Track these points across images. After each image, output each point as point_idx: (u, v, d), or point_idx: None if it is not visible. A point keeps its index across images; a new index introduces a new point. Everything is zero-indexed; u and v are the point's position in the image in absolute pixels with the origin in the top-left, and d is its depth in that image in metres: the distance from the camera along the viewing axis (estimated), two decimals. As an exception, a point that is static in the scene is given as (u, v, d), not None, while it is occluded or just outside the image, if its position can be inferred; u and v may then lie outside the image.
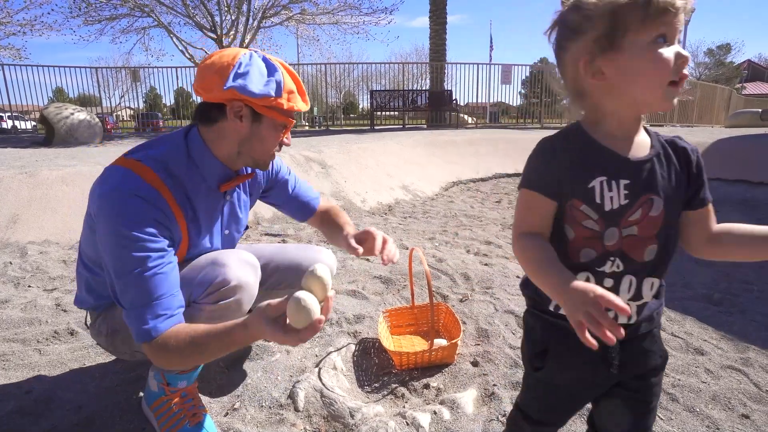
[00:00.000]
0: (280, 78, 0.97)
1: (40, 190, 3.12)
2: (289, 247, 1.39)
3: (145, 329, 0.89)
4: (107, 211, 0.91)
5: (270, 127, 1.01)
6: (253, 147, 1.03)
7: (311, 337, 0.77)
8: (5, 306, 1.82)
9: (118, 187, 0.92)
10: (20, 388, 1.28)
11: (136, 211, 0.91)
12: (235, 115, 0.98)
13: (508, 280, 2.08)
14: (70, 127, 6.66)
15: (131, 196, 0.91)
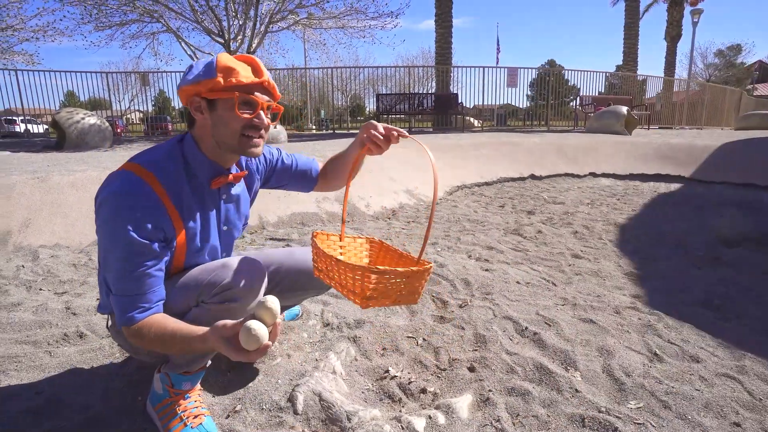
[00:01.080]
0: (212, 61, 1.03)
1: (52, 194, 3.20)
2: (297, 251, 1.43)
3: (127, 317, 1.01)
4: (105, 211, 0.99)
5: (226, 108, 1.04)
6: (221, 133, 1.07)
7: (259, 358, 0.87)
8: (17, 309, 1.88)
9: (117, 190, 0.99)
10: (31, 389, 1.33)
11: (130, 212, 0.98)
12: (196, 110, 1.06)
13: (508, 285, 2.11)
14: (81, 131, 6.78)
15: (128, 198, 0.99)
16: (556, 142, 6.93)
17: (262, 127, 1.08)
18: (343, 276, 1.02)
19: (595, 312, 1.83)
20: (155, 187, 1.02)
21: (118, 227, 0.97)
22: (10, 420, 1.18)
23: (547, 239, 2.96)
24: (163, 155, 1.08)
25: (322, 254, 1.08)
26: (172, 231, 1.06)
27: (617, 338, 1.61)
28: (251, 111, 1.06)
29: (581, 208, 3.98)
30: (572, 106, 15.13)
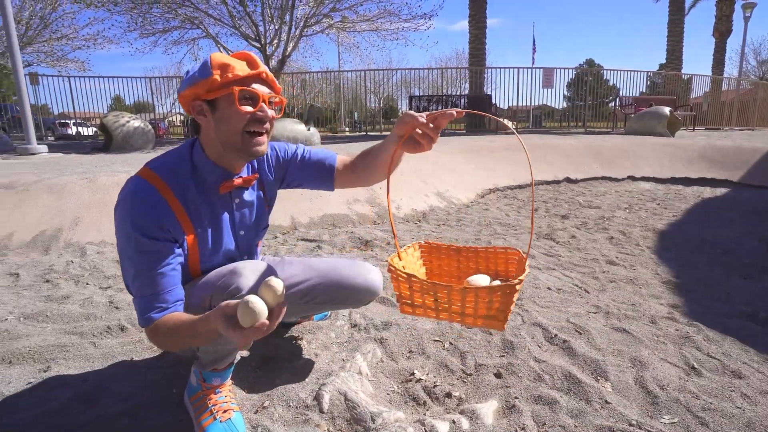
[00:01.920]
0: (205, 61, 1.03)
1: (99, 194, 3.38)
2: (339, 264, 1.37)
3: (145, 318, 1.02)
4: (119, 214, 1.04)
5: (226, 106, 1.03)
6: (224, 132, 1.05)
7: (255, 338, 0.80)
8: (66, 301, 2.00)
9: (129, 195, 1.03)
10: (79, 377, 1.41)
11: (142, 216, 1.01)
12: (198, 113, 1.06)
13: (538, 291, 2.07)
14: (126, 134, 7.11)
15: (140, 202, 1.02)
16: (593, 144, 6.73)
17: (266, 120, 1.06)
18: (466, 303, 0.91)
19: (629, 321, 1.77)
20: (163, 190, 1.04)
21: (128, 228, 1.01)
22: (62, 405, 1.27)
23: (581, 244, 2.89)
24: (172, 159, 1.10)
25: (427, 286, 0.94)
26: (181, 234, 1.07)
27: (652, 349, 1.56)
28: (253, 104, 1.04)
29: (618, 213, 3.86)
30: (611, 107, 14.64)
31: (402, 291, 0.99)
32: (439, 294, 0.94)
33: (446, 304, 0.94)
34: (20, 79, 6.09)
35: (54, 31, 11.35)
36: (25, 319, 1.81)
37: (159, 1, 9.51)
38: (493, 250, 1.19)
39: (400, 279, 0.97)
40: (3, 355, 1.53)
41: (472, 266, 1.21)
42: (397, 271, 0.97)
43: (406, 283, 0.97)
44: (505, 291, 0.89)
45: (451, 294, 0.92)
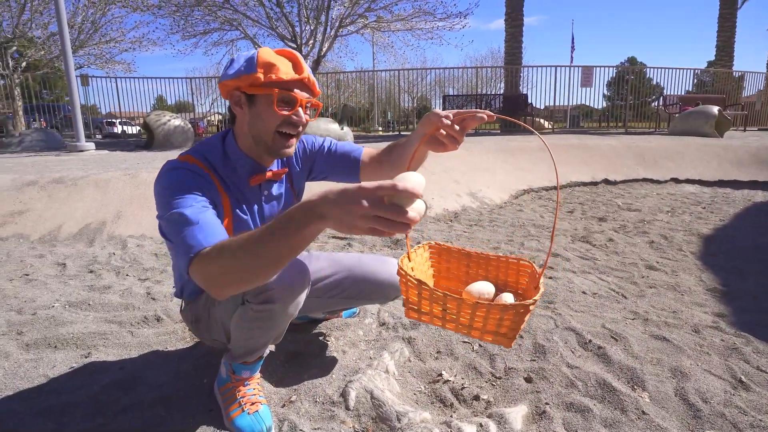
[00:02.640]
0: (252, 56, 1.02)
1: (140, 189, 3.52)
2: (365, 258, 1.39)
3: (189, 246, 0.85)
4: (159, 181, 1.00)
5: (264, 104, 1.03)
6: (256, 127, 1.06)
7: (415, 223, 0.65)
8: (108, 291, 2.09)
9: (169, 166, 1.03)
10: (116, 364, 1.47)
11: (184, 177, 0.98)
12: (236, 104, 1.07)
13: (572, 295, 2.00)
14: (167, 132, 7.38)
15: (180, 169, 1.00)
16: (634, 144, 6.47)
17: (299, 125, 1.07)
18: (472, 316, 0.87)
19: (669, 329, 1.68)
20: (202, 167, 1.06)
21: (171, 184, 0.97)
22: (101, 390, 1.32)
23: (619, 248, 2.77)
24: (207, 148, 1.12)
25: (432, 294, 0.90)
26: (220, 202, 1.06)
27: (694, 360, 1.48)
28: (289, 108, 1.05)
29: (659, 216, 3.69)
30: (654, 107, 14.03)
31: (410, 296, 0.94)
32: (448, 305, 0.89)
33: (455, 315, 0.90)
34: (72, 81, 6.42)
35: (103, 34, 11.92)
36: (70, 306, 1.90)
37: (200, 4, 9.82)
38: (505, 260, 1.13)
39: (409, 284, 0.92)
40: (49, 340, 1.61)
41: (481, 273, 1.16)
42: (407, 275, 0.92)
43: (415, 289, 0.92)
44: (519, 310, 0.84)
45: (461, 307, 0.88)
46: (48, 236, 3.01)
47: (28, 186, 3.46)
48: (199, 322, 1.22)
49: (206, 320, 1.19)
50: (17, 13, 10.39)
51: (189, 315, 1.25)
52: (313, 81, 1.08)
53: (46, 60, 11.97)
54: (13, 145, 7.71)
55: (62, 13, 6.27)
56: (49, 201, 3.33)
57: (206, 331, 1.22)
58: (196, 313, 1.21)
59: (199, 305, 1.20)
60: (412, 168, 1.07)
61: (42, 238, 2.99)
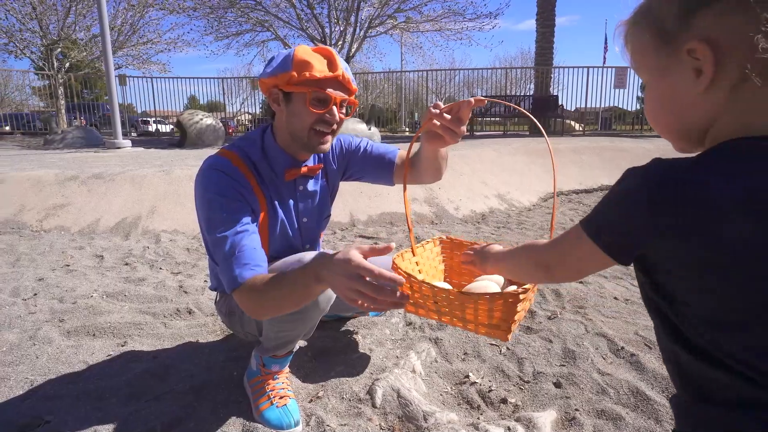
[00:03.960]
0: (289, 54, 1.05)
1: (173, 186, 3.62)
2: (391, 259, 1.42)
3: (232, 277, 0.99)
4: (200, 183, 1.09)
5: (299, 102, 1.07)
6: (294, 125, 1.10)
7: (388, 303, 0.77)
8: (142, 283, 2.16)
9: (209, 166, 1.09)
10: (150, 354, 1.52)
11: (222, 182, 1.06)
12: (274, 101, 1.11)
13: (604, 300, 1.95)
14: (199, 131, 7.58)
15: (219, 172, 1.07)
16: (669, 147, 6.21)
17: (333, 123, 1.10)
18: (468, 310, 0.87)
19: (708, 339, 1.62)
20: (241, 167, 1.10)
21: (210, 195, 1.04)
22: (135, 378, 1.37)
23: (654, 254, 2.69)
24: (245, 143, 1.16)
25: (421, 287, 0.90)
26: (257, 206, 1.12)
27: (735, 371, 1.41)
28: (323, 107, 1.07)
29: (697, 223, 3.55)
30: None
31: (405, 290, 0.92)
32: (437, 297, 0.89)
33: (447, 308, 0.89)
34: (112, 81, 6.68)
35: (141, 36, 12.36)
36: (107, 297, 1.98)
37: (234, 6, 10.06)
38: None
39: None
40: (88, 328, 1.67)
41: None
42: (398, 269, 0.93)
43: (407, 282, 0.91)
44: (507, 299, 0.83)
45: (450, 299, 0.87)
46: (87, 229, 3.14)
47: (70, 181, 3.61)
48: (233, 315, 1.25)
49: (240, 314, 1.22)
50: (63, 17, 10.88)
51: (223, 308, 1.28)
52: (349, 78, 1.10)
53: (87, 61, 12.50)
54: (56, 141, 8.07)
55: (104, 18, 6.53)
56: (89, 195, 3.47)
57: (239, 324, 1.25)
58: (231, 306, 1.24)
59: (232, 299, 1.23)
60: (414, 163, 1.16)
61: (81, 231, 3.12)
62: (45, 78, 12.40)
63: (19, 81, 19.34)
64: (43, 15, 10.62)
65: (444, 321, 0.92)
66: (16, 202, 3.36)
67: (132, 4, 11.50)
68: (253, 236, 1.04)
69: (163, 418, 1.20)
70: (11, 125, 13.86)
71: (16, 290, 2.04)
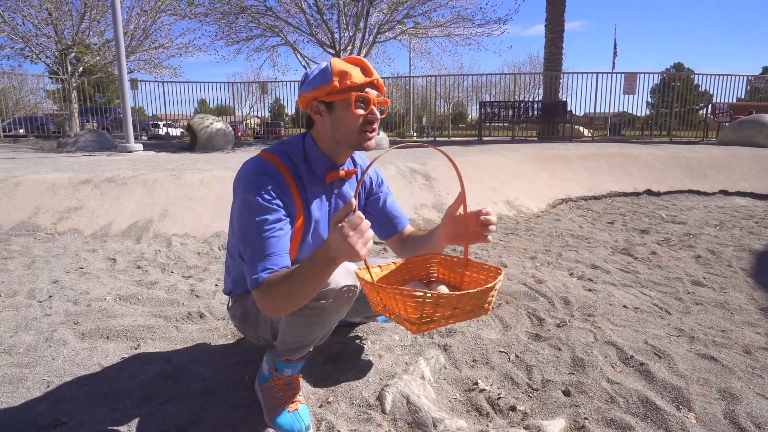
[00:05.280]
0: (326, 67, 1.12)
1: (184, 190, 3.67)
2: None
3: (254, 278, 1.06)
4: (240, 183, 1.14)
5: (343, 109, 1.13)
6: (340, 132, 1.16)
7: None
8: (154, 287, 2.19)
9: (251, 168, 1.15)
10: (163, 357, 1.55)
11: (261, 184, 1.11)
12: (315, 113, 1.17)
13: (613, 309, 1.95)
14: (209, 135, 7.65)
15: (259, 174, 1.13)
16: (680, 154, 6.21)
17: (375, 120, 1.17)
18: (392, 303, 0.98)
19: (717, 348, 1.61)
20: (282, 169, 1.16)
21: (248, 195, 1.10)
22: (149, 380, 1.39)
23: (663, 262, 2.67)
24: (288, 147, 1.22)
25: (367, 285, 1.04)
26: (293, 211, 1.17)
27: (746, 382, 1.41)
28: (365, 107, 1.14)
29: (707, 230, 3.53)
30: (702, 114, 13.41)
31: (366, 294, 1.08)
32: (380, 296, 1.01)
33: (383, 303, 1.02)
34: (125, 86, 6.77)
35: (153, 41, 12.52)
36: (120, 300, 2.01)
37: (244, 11, 10.16)
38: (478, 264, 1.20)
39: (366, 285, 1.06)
40: (102, 331, 1.71)
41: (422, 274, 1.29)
42: (361, 279, 1.07)
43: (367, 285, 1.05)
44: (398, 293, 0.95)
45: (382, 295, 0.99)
46: (100, 232, 3.19)
47: (83, 184, 3.67)
48: (247, 319, 1.27)
49: (254, 317, 1.24)
50: (77, 22, 11.05)
51: (237, 312, 1.30)
52: (380, 81, 1.17)
53: (100, 65, 12.67)
54: (69, 144, 8.19)
55: (118, 24, 6.63)
56: (102, 199, 3.52)
57: (253, 328, 1.27)
58: (245, 310, 1.27)
59: (249, 303, 1.26)
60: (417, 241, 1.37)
61: (94, 234, 3.17)
62: (59, 82, 12.60)
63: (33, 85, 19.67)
64: (59, 20, 10.80)
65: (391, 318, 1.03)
66: (31, 205, 3.42)
67: (145, 9, 11.66)
68: (282, 240, 1.10)
69: (176, 420, 1.22)
70: (25, 128, 14.08)
71: (31, 292, 2.08)
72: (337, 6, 10.01)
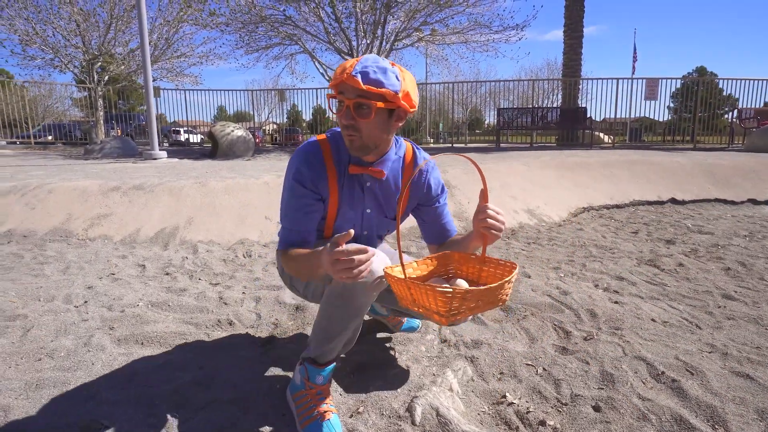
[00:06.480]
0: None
1: (208, 198, 3.74)
2: (386, 247, 1.59)
3: (279, 245, 1.34)
4: (290, 164, 1.32)
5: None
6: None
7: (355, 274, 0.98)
8: (184, 294, 2.24)
9: (300, 152, 1.31)
10: (194, 363, 1.58)
11: (301, 170, 1.28)
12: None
13: (641, 322, 1.93)
14: (231, 142, 7.79)
15: (302, 161, 1.28)
16: (705, 161, 6.10)
17: (343, 123, 1.20)
18: (423, 298, 1.06)
19: (753, 366, 1.58)
20: (326, 155, 1.29)
21: (290, 177, 1.29)
22: (182, 386, 1.43)
23: (690, 274, 2.63)
24: (339, 135, 1.32)
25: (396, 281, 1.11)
26: (327, 194, 1.31)
27: (782, 400, 1.38)
28: (337, 109, 1.21)
29: (735, 241, 3.45)
30: (727, 119, 13.11)
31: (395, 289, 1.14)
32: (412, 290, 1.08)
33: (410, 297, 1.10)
34: (150, 96, 6.95)
35: (175, 50, 12.81)
36: (152, 306, 2.06)
37: (264, 21, 10.34)
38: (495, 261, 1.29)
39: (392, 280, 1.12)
40: (137, 337, 1.76)
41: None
42: (388, 275, 1.12)
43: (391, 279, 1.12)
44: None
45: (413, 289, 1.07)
46: (128, 238, 3.28)
47: (112, 191, 3.78)
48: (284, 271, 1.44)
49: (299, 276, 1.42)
50: (104, 33, 11.40)
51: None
52: (356, 79, 1.12)
53: (125, 74, 13.01)
54: (95, 151, 8.43)
55: (144, 37, 6.82)
56: (130, 206, 3.62)
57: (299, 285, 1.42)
58: None
59: None
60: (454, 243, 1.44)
61: (123, 240, 3.25)
62: (85, 90, 12.99)
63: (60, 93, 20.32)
64: (86, 31, 11.15)
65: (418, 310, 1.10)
66: (64, 212, 3.54)
67: (168, 20, 11.95)
68: (310, 218, 1.30)
69: (210, 427, 1.25)
70: (54, 135, 14.54)
71: (68, 297, 2.15)
72: (355, 15, 10.12)
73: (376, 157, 1.31)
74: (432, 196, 1.44)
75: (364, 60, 1.16)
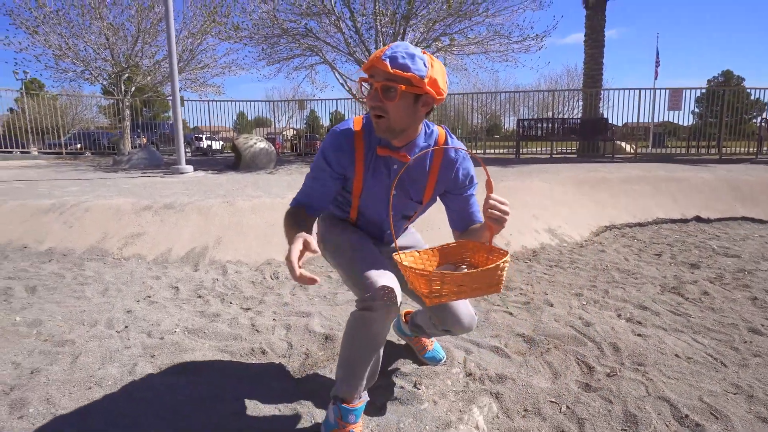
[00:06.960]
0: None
1: (236, 217, 3.87)
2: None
3: (294, 199, 1.45)
4: (325, 139, 1.43)
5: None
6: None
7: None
8: (217, 319, 2.34)
9: (335, 131, 1.40)
10: (232, 395, 1.67)
11: (331, 150, 1.38)
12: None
13: (664, 358, 1.95)
14: (253, 154, 7.97)
15: (335, 140, 1.38)
16: (730, 176, 6.00)
17: (372, 106, 1.27)
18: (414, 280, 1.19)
19: (778, 408, 1.60)
20: (358, 137, 1.38)
21: (320, 151, 1.41)
22: (222, 417, 1.52)
23: (716, 304, 2.62)
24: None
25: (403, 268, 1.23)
26: (351, 173, 1.42)
27: (808, 448, 1.40)
28: (368, 92, 1.28)
29: (764, 266, 3.41)
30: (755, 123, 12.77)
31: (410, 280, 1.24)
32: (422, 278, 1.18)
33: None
34: (177, 111, 7.18)
35: (198, 61, 13.14)
36: (189, 333, 2.17)
37: (286, 33, 10.54)
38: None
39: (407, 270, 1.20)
40: (177, 366, 1.86)
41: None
42: (402, 265, 1.22)
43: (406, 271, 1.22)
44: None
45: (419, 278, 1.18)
46: (161, 258, 3.41)
47: (144, 210, 3.94)
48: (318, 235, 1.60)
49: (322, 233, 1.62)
50: (131, 46, 11.78)
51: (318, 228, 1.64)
52: (385, 63, 1.21)
53: (150, 85, 13.40)
54: (123, 162, 8.73)
55: (172, 50, 7.04)
56: (162, 225, 3.77)
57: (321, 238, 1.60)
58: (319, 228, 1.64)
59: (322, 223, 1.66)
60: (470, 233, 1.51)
61: (156, 260, 3.39)
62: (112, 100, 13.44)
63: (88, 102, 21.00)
64: (115, 45, 11.53)
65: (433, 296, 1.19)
66: (100, 230, 3.70)
67: (192, 32, 12.28)
68: (323, 190, 1.42)
69: (252, 463, 1.33)
70: (82, 143, 15.05)
71: (110, 322, 2.27)
72: (375, 27, 10.24)
73: (403, 142, 1.37)
74: (459, 184, 1.48)
75: (394, 46, 1.23)
